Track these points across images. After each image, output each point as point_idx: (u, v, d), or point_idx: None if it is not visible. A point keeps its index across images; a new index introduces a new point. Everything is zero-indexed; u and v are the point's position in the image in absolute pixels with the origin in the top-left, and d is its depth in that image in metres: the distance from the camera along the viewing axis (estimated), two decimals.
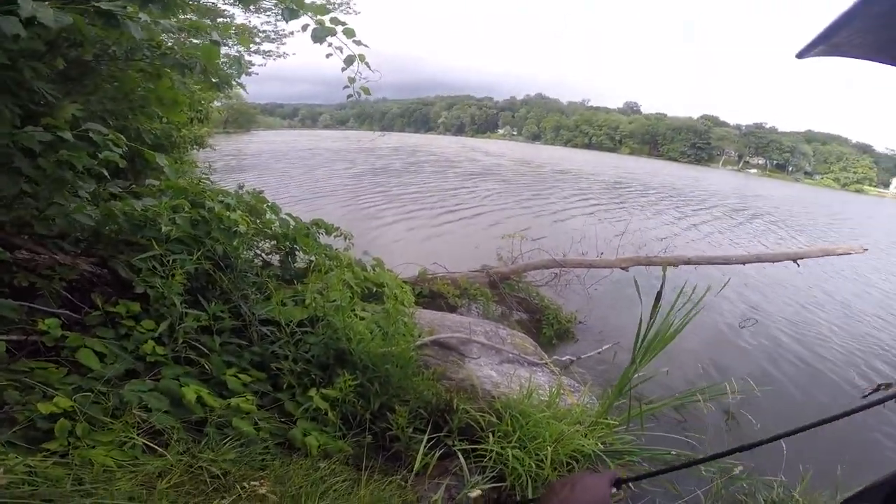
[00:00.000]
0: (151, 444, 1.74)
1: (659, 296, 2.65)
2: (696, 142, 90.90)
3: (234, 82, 4.19)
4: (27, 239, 2.07)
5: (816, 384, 5.03)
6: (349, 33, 2.46)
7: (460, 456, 2.37)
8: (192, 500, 1.60)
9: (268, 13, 8.16)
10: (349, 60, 2.76)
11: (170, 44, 2.75)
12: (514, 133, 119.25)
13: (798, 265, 7.39)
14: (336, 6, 8.49)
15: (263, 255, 3.15)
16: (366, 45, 2.66)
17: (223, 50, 3.79)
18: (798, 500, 2.60)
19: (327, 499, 1.78)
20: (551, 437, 2.47)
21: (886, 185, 79.72)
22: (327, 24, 2.43)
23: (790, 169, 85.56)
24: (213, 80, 3.89)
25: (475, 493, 2.14)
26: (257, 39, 9.32)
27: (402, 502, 2.03)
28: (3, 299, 1.84)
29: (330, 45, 2.77)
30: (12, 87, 1.88)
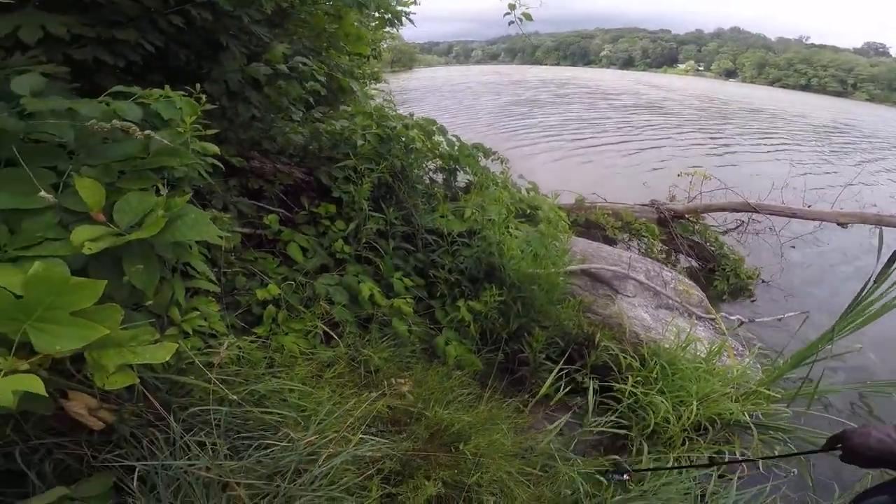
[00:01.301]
0: (331, 332, 2.07)
1: None
2: None
3: (403, 18, 4.41)
4: (257, 153, 2.68)
5: None
6: None
7: (588, 393, 2.33)
8: (347, 392, 1.78)
9: None
10: None
11: None
12: (700, 68, 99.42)
13: None
14: None
15: (430, 173, 3.44)
16: None
17: None
18: None
19: (451, 408, 1.92)
20: (698, 394, 2.28)
21: None
22: None
23: None
24: (386, 16, 4.22)
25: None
26: None
27: (514, 425, 2.09)
28: (242, 198, 2.44)
29: None
30: (237, 33, 2.34)
